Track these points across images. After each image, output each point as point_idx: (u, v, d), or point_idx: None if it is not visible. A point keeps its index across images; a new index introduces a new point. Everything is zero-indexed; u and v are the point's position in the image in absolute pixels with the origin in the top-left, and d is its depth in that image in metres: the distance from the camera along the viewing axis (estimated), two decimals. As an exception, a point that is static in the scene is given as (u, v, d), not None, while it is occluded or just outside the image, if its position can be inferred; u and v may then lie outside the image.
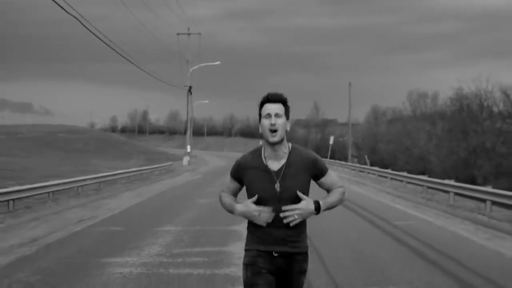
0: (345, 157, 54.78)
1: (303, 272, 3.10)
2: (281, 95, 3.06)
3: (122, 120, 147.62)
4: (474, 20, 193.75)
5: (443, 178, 20.38)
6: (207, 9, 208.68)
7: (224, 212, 3.37)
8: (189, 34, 47.55)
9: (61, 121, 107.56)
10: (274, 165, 3.05)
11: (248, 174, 3.10)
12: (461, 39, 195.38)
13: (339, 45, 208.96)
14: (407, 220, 11.71)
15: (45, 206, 13.79)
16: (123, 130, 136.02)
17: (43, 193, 14.92)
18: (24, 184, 15.21)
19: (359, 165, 36.45)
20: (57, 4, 16.41)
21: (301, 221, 3.04)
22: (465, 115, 45.75)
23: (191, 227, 10.29)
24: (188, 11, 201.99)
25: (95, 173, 21.37)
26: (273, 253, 3.01)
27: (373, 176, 27.56)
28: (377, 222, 11.38)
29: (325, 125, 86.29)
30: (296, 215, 2.95)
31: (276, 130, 2.98)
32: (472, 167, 43.08)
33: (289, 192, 3.00)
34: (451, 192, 15.66)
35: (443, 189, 16.64)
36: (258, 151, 3.13)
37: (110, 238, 9.23)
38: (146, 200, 15.96)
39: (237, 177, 3.18)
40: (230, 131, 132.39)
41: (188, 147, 46.23)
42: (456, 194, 15.52)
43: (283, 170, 3.03)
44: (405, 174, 22.22)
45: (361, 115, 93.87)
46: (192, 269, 6.73)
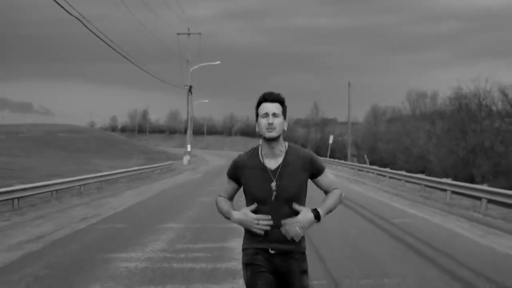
0: (345, 156, 55.03)
1: (305, 272, 3.07)
2: (279, 95, 3.05)
3: (122, 120, 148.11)
4: (474, 20, 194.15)
5: (442, 177, 20.62)
6: (207, 9, 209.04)
7: None
8: (189, 34, 47.77)
9: (61, 121, 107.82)
10: (271, 164, 3.05)
11: (245, 173, 3.08)
12: (461, 39, 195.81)
13: (339, 45, 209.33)
14: (404, 218, 11.95)
15: (49, 205, 14.04)
16: (123, 130, 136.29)
17: (47, 192, 15.16)
18: (26, 184, 15.44)
19: (358, 164, 36.71)
20: (59, 5, 16.62)
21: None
22: (464, 115, 45.97)
23: (193, 225, 10.53)
24: (188, 11, 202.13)
25: (96, 173, 21.60)
26: (270, 250, 3.00)
27: (372, 175, 27.81)
28: (375, 220, 11.63)
29: (325, 125, 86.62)
30: (298, 228, 2.93)
31: (274, 128, 2.99)
32: (471, 166, 43.33)
33: (286, 191, 2.99)
34: (448, 191, 15.92)
35: (441, 188, 16.90)
36: (255, 150, 3.14)
37: (114, 235, 9.47)
38: (148, 199, 16.20)
39: (234, 177, 3.16)
40: (230, 131, 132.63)
41: (189, 146, 46.44)
42: (453, 193, 15.78)
43: (280, 169, 3.02)
44: (404, 173, 22.48)
45: (361, 115, 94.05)
46: (195, 264, 6.98)
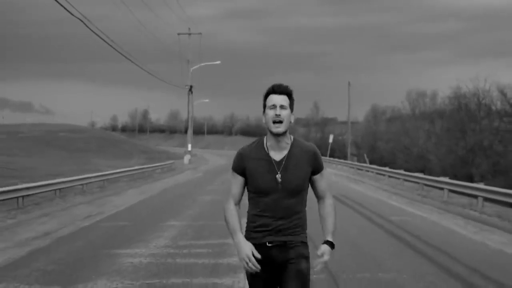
0: (345, 156, 55.26)
1: (303, 257, 3.03)
2: (287, 87, 3.06)
3: (123, 120, 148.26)
4: (474, 20, 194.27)
5: (442, 176, 20.85)
6: (208, 9, 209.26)
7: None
8: (190, 34, 48.00)
9: (62, 121, 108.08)
10: (276, 156, 3.06)
11: (250, 164, 3.07)
12: (461, 39, 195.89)
13: (339, 45, 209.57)
14: (402, 216, 12.20)
15: (53, 203, 14.28)
16: (124, 129, 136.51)
17: (50, 191, 15.40)
18: (28, 183, 15.66)
19: (358, 163, 36.95)
20: (61, 5, 16.80)
21: (299, 214, 3.06)
22: (463, 114, 46.20)
23: (195, 222, 10.79)
24: (189, 11, 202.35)
25: (97, 172, 21.83)
26: (267, 244, 3.01)
27: (371, 174, 28.05)
28: (373, 218, 11.87)
29: (325, 124, 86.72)
30: (324, 262, 3.02)
31: (281, 121, 2.99)
32: (470, 165, 43.56)
33: (290, 183, 3.01)
34: (446, 189, 16.17)
35: (438, 186, 17.16)
36: (260, 141, 3.14)
37: (118, 232, 9.72)
38: (150, 198, 16.44)
39: (241, 169, 3.12)
40: (231, 130, 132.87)
41: (189, 146, 46.65)
42: (450, 191, 16.04)
43: (285, 161, 3.04)
44: (402, 172, 22.72)
45: (361, 114, 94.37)
46: (197, 259, 7.23)
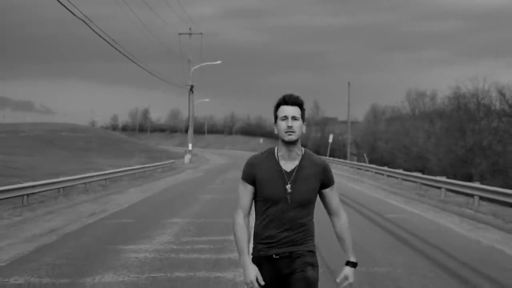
0: (344, 155, 55.54)
1: (309, 264, 3.03)
2: (298, 98, 3.05)
3: (123, 119, 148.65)
4: (474, 19, 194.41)
5: (441, 176, 21.12)
6: (208, 8, 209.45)
7: (226, 207, 3.58)
8: (191, 34, 48.28)
9: (62, 120, 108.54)
10: (287, 166, 3.06)
11: (260, 173, 3.07)
12: (461, 38, 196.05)
13: (339, 44, 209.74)
14: (399, 214, 12.48)
15: (57, 201, 14.57)
16: (124, 129, 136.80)
17: (54, 189, 15.68)
18: (30, 182, 15.94)
19: (357, 163, 37.26)
20: (64, 6, 17.03)
21: (305, 226, 3.08)
22: (463, 114, 46.48)
23: (197, 220, 11.07)
24: (189, 10, 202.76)
25: (98, 171, 22.10)
26: (274, 256, 3.02)
27: (370, 174, 28.35)
28: (371, 216, 12.16)
29: (325, 124, 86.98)
30: (350, 284, 3.08)
31: (294, 132, 3.01)
32: (469, 165, 43.81)
33: (300, 195, 3.00)
34: (443, 188, 16.46)
35: (436, 186, 17.45)
36: (271, 151, 3.14)
37: (122, 229, 10.01)
38: (152, 196, 16.72)
39: (251, 178, 3.10)
40: (231, 130, 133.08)
41: (190, 145, 46.94)
42: (448, 190, 16.33)
43: (295, 172, 3.04)
44: (401, 172, 22.99)
45: (361, 114, 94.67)
46: (200, 254, 7.52)
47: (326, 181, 3.11)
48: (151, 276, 6.32)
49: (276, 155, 3.10)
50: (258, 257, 3.06)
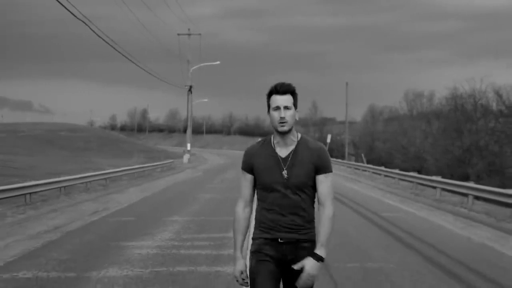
0: (343, 156, 55.87)
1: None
2: (289, 86, 3.08)
3: (122, 119, 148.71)
4: (475, 19, 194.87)
5: (438, 176, 21.39)
6: (208, 8, 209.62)
7: (225, 206, 3.64)
8: (190, 35, 48.53)
9: (61, 120, 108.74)
10: (283, 152, 3.12)
11: (258, 161, 3.16)
12: (462, 38, 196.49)
13: (339, 44, 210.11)
14: (393, 212, 12.77)
15: (59, 200, 14.84)
16: (123, 129, 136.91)
17: (56, 188, 15.95)
18: (31, 181, 16.17)
19: (355, 163, 37.58)
20: (65, 8, 17.28)
21: (308, 209, 3.12)
22: (460, 115, 46.80)
23: (196, 218, 11.35)
24: (188, 10, 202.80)
25: (98, 171, 22.35)
26: (279, 240, 3.06)
27: (368, 174, 28.66)
28: (366, 214, 12.45)
29: (324, 124, 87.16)
30: (309, 281, 3.00)
31: (286, 122, 3.06)
32: (466, 165, 44.12)
33: (296, 180, 3.05)
34: (438, 188, 16.76)
35: (431, 185, 17.76)
36: (268, 139, 3.22)
37: (125, 226, 10.28)
38: (152, 195, 16.98)
39: (249, 167, 3.20)
40: (229, 130, 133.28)
41: (188, 145, 47.19)
42: (443, 190, 16.63)
43: (291, 157, 3.09)
44: (397, 171, 23.29)
45: (359, 114, 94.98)
46: (200, 250, 7.81)
47: (319, 166, 3.11)
48: (154, 271, 6.60)
49: (272, 143, 3.17)
50: (263, 239, 3.10)
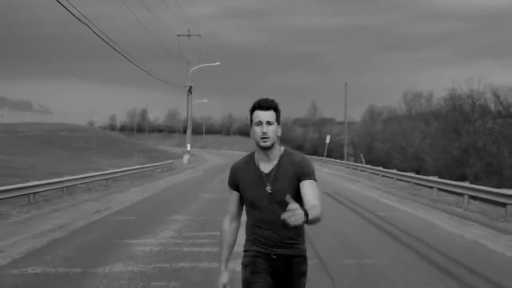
0: (342, 156, 56.14)
1: (303, 274, 3.13)
2: (272, 102, 3.08)
3: (121, 119, 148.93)
4: (475, 19, 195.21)
5: (436, 176, 21.65)
6: (208, 8, 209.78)
7: (225, 206, 3.23)
8: (189, 36, 48.78)
9: (60, 120, 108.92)
10: (266, 167, 3.11)
11: (242, 178, 3.16)
12: (461, 38, 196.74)
13: (339, 44, 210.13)
14: (390, 212, 13.04)
15: (62, 200, 15.10)
16: (122, 129, 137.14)
17: (58, 188, 16.19)
18: (32, 181, 16.39)
19: (353, 163, 37.88)
20: (67, 9, 17.47)
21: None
22: (458, 115, 47.07)
23: (197, 217, 11.61)
24: (188, 10, 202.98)
25: (98, 171, 22.58)
26: (272, 256, 3.07)
27: (366, 174, 28.92)
28: (363, 213, 12.71)
29: (323, 124, 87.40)
30: (298, 215, 2.62)
31: (268, 138, 3.04)
32: (464, 166, 44.40)
33: (281, 194, 2.96)
34: (435, 188, 17.03)
35: (428, 185, 18.02)
36: (251, 155, 3.21)
37: (127, 225, 10.54)
38: (153, 195, 17.24)
39: (235, 184, 3.21)
40: (229, 130, 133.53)
41: (188, 146, 47.44)
42: (440, 190, 16.90)
43: (274, 173, 3.08)
44: (395, 172, 23.56)
45: (358, 114, 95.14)
46: (201, 248, 8.07)
47: (302, 175, 3.03)
48: (158, 266, 6.86)
49: (255, 158, 3.17)
50: (255, 252, 3.10)
